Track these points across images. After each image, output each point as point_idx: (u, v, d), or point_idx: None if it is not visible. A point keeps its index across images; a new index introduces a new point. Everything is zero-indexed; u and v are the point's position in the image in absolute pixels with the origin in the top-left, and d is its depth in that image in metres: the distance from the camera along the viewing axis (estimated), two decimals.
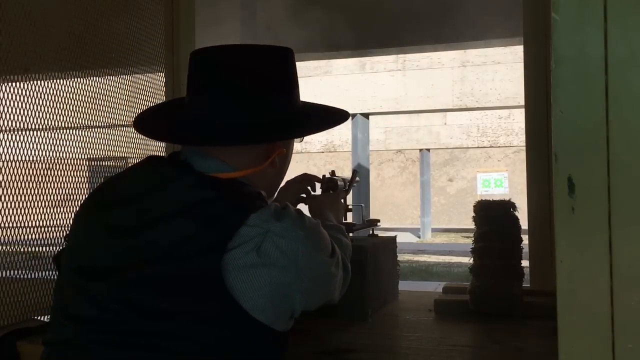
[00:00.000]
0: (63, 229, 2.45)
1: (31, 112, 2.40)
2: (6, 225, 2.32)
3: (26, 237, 2.41)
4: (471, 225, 2.36)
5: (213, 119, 1.17)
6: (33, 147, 2.41)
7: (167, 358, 1.04)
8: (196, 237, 1.05)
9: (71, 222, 1.22)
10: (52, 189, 2.49)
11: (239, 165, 1.17)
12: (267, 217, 1.08)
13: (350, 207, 2.22)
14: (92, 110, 2.66)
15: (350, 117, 12.66)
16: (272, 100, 1.20)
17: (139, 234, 1.08)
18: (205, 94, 1.18)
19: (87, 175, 2.67)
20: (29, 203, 2.40)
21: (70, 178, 2.58)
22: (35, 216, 2.42)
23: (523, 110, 3.33)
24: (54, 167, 2.50)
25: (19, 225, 2.38)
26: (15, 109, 2.35)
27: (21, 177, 2.38)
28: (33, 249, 2.46)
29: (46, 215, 2.43)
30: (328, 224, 1.50)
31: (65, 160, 2.54)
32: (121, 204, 1.14)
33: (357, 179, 2.02)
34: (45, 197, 2.46)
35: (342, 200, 1.92)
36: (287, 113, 1.22)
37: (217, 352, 1.05)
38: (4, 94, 2.30)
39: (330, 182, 1.86)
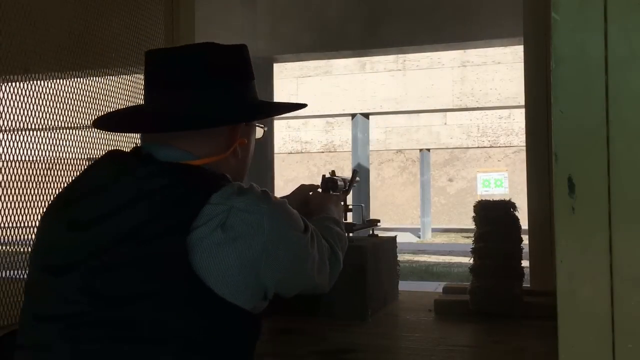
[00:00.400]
0: None
1: (31, 112, 2.40)
2: (6, 225, 2.32)
3: (26, 237, 2.41)
4: (471, 225, 2.36)
5: (167, 109, 1.20)
6: (33, 147, 2.41)
7: (137, 347, 1.03)
8: (157, 220, 1.05)
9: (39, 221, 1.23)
10: (52, 189, 2.49)
11: (200, 154, 1.19)
12: (230, 194, 1.09)
13: (350, 207, 2.22)
14: (92, 110, 2.66)
15: (351, 117, 12.66)
16: (225, 90, 1.23)
17: (100, 224, 1.08)
18: (161, 87, 1.22)
19: None
20: (29, 203, 2.40)
21: (70, 178, 2.58)
22: (35, 216, 2.42)
23: (523, 110, 3.33)
24: (54, 167, 2.50)
25: (19, 225, 2.38)
26: (15, 109, 2.35)
27: (21, 177, 2.38)
28: None
29: None
30: (324, 216, 1.52)
31: (65, 160, 2.54)
32: (81, 198, 1.15)
33: (357, 178, 2.01)
34: (45, 197, 2.46)
35: (342, 203, 1.92)
36: (240, 101, 1.25)
37: (187, 336, 1.04)
38: (4, 94, 2.30)
39: (330, 182, 1.86)
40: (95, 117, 1.34)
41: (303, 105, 1.42)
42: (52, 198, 2.21)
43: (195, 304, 1.04)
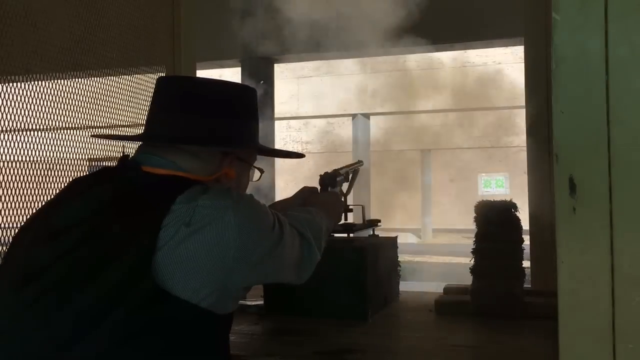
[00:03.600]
0: None
1: (31, 112, 2.40)
2: (6, 225, 2.32)
3: None
4: (472, 225, 2.36)
5: (158, 128, 1.26)
6: (33, 147, 2.41)
7: (103, 356, 1.03)
8: (125, 227, 1.06)
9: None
10: (52, 189, 2.49)
11: (184, 168, 1.22)
12: (195, 194, 1.11)
13: (350, 207, 2.22)
14: (92, 110, 2.66)
15: (351, 117, 12.66)
16: (221, 121, 1.28)
17: (74, 235, 1.09)
18: (165, 111, 1.27)
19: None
20: (29, 203, 2.40)
21: (70, 178, 2.58)
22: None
23: (523, 110, 3.33)
24: (54, 167, 2.50)
25: (19, 225, 2.38)
26: (15, 109, 2.35)
27: (21, 177, 2.38)
28: None
29: None
30: (300, 208, 1.52)
31: (65, 160, 2.54)
32: (60, 210, 1.17)
33: (361, 163, 1.98)
34: (45, 197, 2.46)
35: (343, 199, 1.92)
36: (232, 131, 1.29)
37: (145, 340, 1.03)
38: (4, 94, 2.30)
39: (327, 178, 1.86)
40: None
41: (300, 155, 1.49)
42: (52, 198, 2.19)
43: (155, 307, 1.03)
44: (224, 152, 1.29)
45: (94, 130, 2.67)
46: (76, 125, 2.60)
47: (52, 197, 1.27)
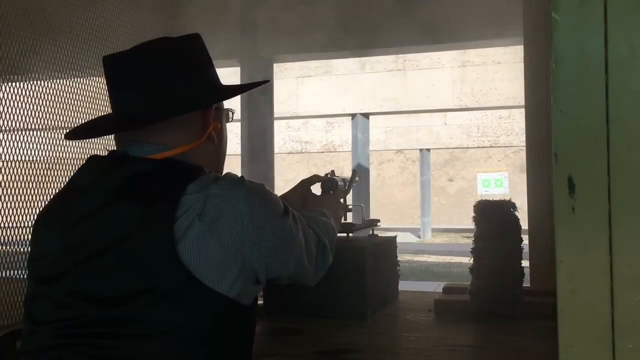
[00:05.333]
0: None
1: (31, 112, 2.40)
2: (6, 225, 2.32)
3: (26, 237, 2.41)
4: (471, 225, 2.36)
5: (128, 109, 1.21)
6: (33, 147, 2.41)
7: (132, 343, 1.04)
8: (140, 216, 1.06)
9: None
10: (52, 189, 2.50)
11: (175, 145, 1.20)
12: (205, 183, 1.10)
13: (350, 207, 2.22)
14: (91, 110, 2.66)
15: (351, 117, 12.66)
16: (185, 81, 1.23)
17: (84, 227, 1.10)
18: (120, 89, 1.23)
19: None
20: (29, 203, 2.40)
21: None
22: (35, 216, 2.42)
23: (523, 110, 3.33)
24: (54, 167, 2.50)
25: (19, 225, 2.38)
26: (15, 109, 2.35)
27: (21, 177, 2.38)
28: None
29: None
30: (314, 209, 1.51)
31: (65, 160, 2.54)
32: (66, 204, 1.17)
33: (357, 178, 2.01)
34: (45, 197, 2.46)
35: (342, 200, 1.92)
36: (200, 87, 1.25)
37: (181, 330, 1.05)
38: (4, 94, 2.30)
39: (330, 182, 1.86)
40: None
41: (264, 82, 1.46)
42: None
43: (186, 297, 1.05)
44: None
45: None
46: (76, 125, 2.59)
47: (54, 196, 1.26)
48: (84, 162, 1.24)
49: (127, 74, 1.22)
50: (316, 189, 1.82)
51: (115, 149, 1.25)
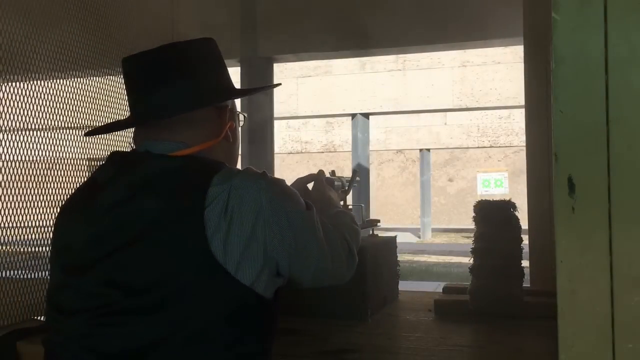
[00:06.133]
0: None
1: (31, 112, 2.40)
2: (6, 225, 2.32)
3: (26, 237, 2.41)
4: (471, 225, 2.36)
5: (147, 107, 1.25)
6: (33, 147, 2.41)
7: (157, 331, 1.07)
8: (167, 208, 1.10)
9: (52, 227, 1.28)
10: (52, 189, 2.50)
11: (194, 143, 1.24)
12: (229, 175, 1.14)
13: (350, 207, 2.22)
14: (92, 110, 2.66)
15: (351, 117, 12.66)
16: (197, 81, 1.28)
17: (113, 219, 1.13)
18: (139, 90, 1.27)
19: (87, 175, 2.67)
20: (29, 203, 2.40)
21: (70, 178, 2.58)
22: (35, 216, 2.42)
23: (523, 110, 3.33)
24: (54, 167, 2.50)
25: (19, 225, 2.38)
26: (15, 109, 2.35)
27: (21, 177, 2.38)
28: (33, 249, 2.46)
29: (46, 215, 2.44)
30: (337, 210, 1.52)
31: (65, 160, 2.54)
32: (91, 197, 1.20)
33: (358, 178, 2.01)
34: (45, 197, 2.46)
35: (342, 202, 1.92)
36: (213, 87, 1.30)
37: (208, 319, 1.08)
38: (4, 94, 2.30)
39: (327, 182, 1.86)
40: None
41: (277, 84, 1.54)
42: (52, 198, 2.24)
43: (212, 285, 1.08)
44: (217, 107, 1.29)
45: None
46: (76, 125, 2.60)
47: (77, 189, 1.29)
48: (106, 159, 1.28)
49: (147, 73, 1.26)
50: None
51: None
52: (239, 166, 1.38)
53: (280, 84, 1.64)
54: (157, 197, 1.12)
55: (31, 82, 2.40)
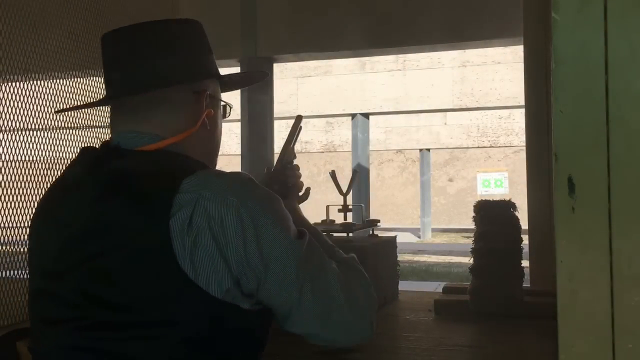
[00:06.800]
0: None
1: (31, 112, 2.40)
2: (6, 225, 2.32)
3: (26, 237, 2.41)
4: (471, 225, 2.36)
5: (120, 84, 1.18)
6: (33, 147, 2.41)
7: (131, 349, 1.01)
8: (134, 214, 1.02)
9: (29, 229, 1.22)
10: None
11: (167, 134, 1.15)
12: (202, 181, 1.03)
13: (350, 207, 2.22)
14: (92, 110, 2.66)
15: (351, 117, 12.66)
16: (178, 60, 1.20)
17: (82, 224, 1.06)
18: (114, 66, 1.20)
19: None
20: (29, 203, 2.40)
21: None
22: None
23: (523, 110, 3.33)
24: (54, 167, 2.50)
25: (19, 225, 2.38)
26: (15, 109, 2.35)
27: (21, 177, 2.38)
28: None
29: None
30: (330, 244, 1.27)
31: (65, 160, 2.54)
32: (62, 199, 1.14)
33: (301, 125, 1.51)
34: None
35: (343, 202, 1.89)
36: (192, 67, 1.21)
37: (181, 332, 1.01)
38: (4, 94, 2.30)
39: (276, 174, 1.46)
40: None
41: (264, 74, 1.38)
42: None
43: (184, 297, 1.01)
44: (196, 92, 1.19)
45: (93, 130, 2.67)
46: (76, 125, 2.59)
47: (49, 189, 1.22)
48: (78, 154, 1.21)
49: (116, 51, 1.19)
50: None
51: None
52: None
53: (267, 73, 1.47)
54: (122, 201, 1.03)
55: (31, 82, 2.40)
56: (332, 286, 1.07)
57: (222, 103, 1.29)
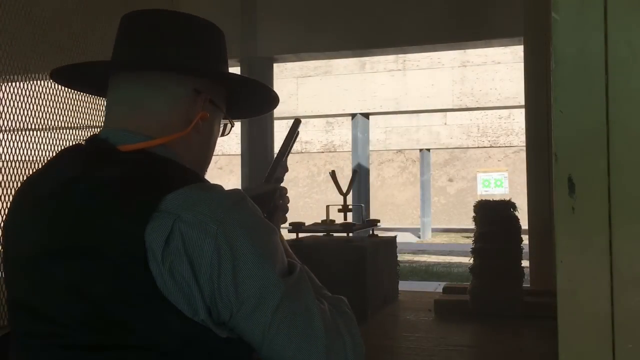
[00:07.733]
0: None
1: (31, 112, 2.40)
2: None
3: None
4: (471, 225, 2.36)
5: (125, 54, 1.13)
6: (33, 147, 2.41)
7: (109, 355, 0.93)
8: (108, 223, 0.94)
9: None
10: None
11: (155, 134, 1.07)
12: (186, 199, 0.94)
13: (350, 207, 2.22)
14: (92, 110, 2.66)
15: (351, 117, 12.66)
16: (193, 50, 1.15)
17: (56, 229, 0.99)
18: (127, 43, 1.14)
19: None
20: None
21: None
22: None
23: (523, 110, 3.33)
24: None
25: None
26: (15, 109, 2.35)
27: (21, 177, 2.38)
28: None
29: None
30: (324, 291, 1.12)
31: None
32: (38, 199, 1.05)
33: (298, 130, 1.40)
34: None
35: (343, 200, 1.90)
36: (202, 62, 1.16)
37: (157, 350, 0.93)
38: (4, 94, 2.30)
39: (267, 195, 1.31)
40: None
41: (275, 100, 1.26)
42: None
43: (158, 314, 0.93)
44: (196, 91, 1.11)
45: (93, 130, 2.67)
46: (76, 125, 2.59)
47: (28, 183, 1.12)
48: (63, 149, 1.14)
49: (132, 28, 1.14)
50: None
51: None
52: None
53: (275, 96, 1.29)
54: (97, 207, 0.95)
55: (31, 82, 2.40)
56: (315, 329, 0.98)
57: (223, 119, 1.22)
